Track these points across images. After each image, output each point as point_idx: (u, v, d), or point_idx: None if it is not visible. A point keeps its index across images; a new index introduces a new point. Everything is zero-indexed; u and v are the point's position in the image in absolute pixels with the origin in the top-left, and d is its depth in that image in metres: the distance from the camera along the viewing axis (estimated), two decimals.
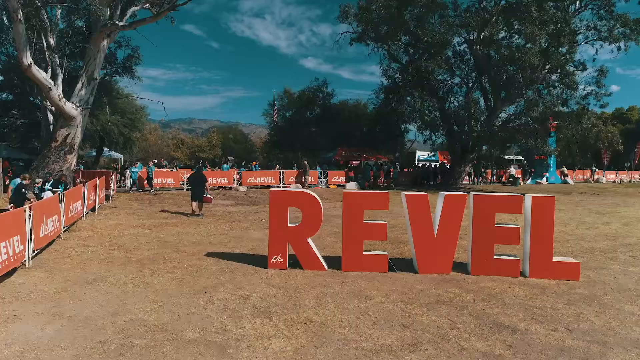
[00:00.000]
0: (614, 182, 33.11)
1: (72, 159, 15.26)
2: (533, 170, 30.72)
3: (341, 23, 26.15)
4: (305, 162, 23.25)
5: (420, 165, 35.00)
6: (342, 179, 24.10)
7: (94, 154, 29.64)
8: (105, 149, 29.33)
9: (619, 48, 21.64)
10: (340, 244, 6.85)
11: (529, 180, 29.88)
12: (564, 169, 31.45)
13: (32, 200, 9.09)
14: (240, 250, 8.02)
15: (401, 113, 23.91)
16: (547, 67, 20.87)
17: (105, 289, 5.48)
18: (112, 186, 16.01)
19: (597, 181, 32.17)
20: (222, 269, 6.55)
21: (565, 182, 30.01)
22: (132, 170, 18.76)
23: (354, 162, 30.34)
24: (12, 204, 8.60)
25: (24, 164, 18.87)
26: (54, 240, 8.14)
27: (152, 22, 14.36)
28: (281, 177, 22.52)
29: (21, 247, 6.03)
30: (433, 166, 29.38)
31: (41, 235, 7.01)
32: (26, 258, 6.32)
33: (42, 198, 9.06)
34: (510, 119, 22.10)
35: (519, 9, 20.88)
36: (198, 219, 11.65)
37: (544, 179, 29.66)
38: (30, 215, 6.36)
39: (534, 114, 19.62)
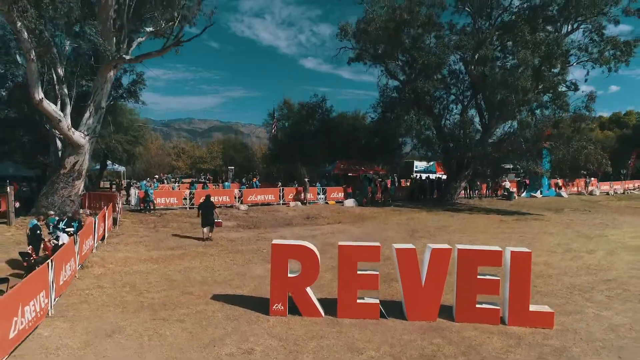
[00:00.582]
0: (608, 193, 33.75)
1: (80, 184, 15.87)
2: (528, 182, 31.35)
3: (340, 41, 26.82)
4: (306, 180, 23.88)
5: (417, 176, 35.71)
6: (341, 194, 24.71)
7: (98, 167, 30.29)
8: (109, 161, 30.04)
9: (609, 69, 22.30)
10: (337, 281, 7.45)
11: (524, 194, 30.50)
12: (559, 181, 32.06)
13: (46, 239, 9.68)
14: (243, 290, 8.62)
15: (398, 129, 24.52)
16: (539, 87, 21.51)
17: (123, 343, 6.07)
18: (118, 209, 16.60)
19: (591, 193, 32.80)
20: (228, 317, 7.15)
21: (559, 194, 30.64)
22: (150, 191, 19.30)
23: (352, 174, 31.03)
24: (30, 246, 9.21)
25: (29, 187, 19.41)
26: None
27: (158, 56, 15.01)
28: (281, 195, 23.14)
29: (45, 301, 6.63)
30: (430, 178, 30.00)
31: (61, 282, 7.61)
32: (49, 307, 6.92)
33: (58, 237, 9.64)
34: (504, 138, 22.76)
35: (512, 30, 21.56)
36: (204, 250, 12.24)
37: (539, 192, 30.29)
38: (52, 268, 6.96)
39: (526, 135, 20.31)
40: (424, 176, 33.52)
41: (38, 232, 9.41)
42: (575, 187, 33.80)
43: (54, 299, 7.22)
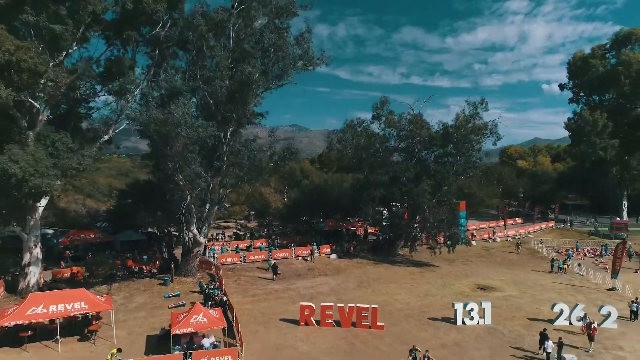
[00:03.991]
0: (507, 239, 50.50)
1: (198, 259, 32.50)
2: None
3: (329, 151, 43.65)
4: (311, 245, 40.67)
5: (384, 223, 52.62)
6: (328, 250, 41.42)
7: None
8: None
9: (482, 180, 39.36)
10: (321, 313, 23.94)
11: (448, 242, 47.15)
12: (473, 232, 48.73)
13: (213, 296, 26.04)
14: (289, 316, 24.96)
15: (360, 213, 41.19)
16: (437, 195, 38.44)
17: (269, 331, 22.63)
18: (214, 268, 33.06)
19: (494, 240, 49.54)
20: (287, 325, 23.65)
21: (469, 243, 47.34)
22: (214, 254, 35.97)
23: (338, 228, 47.86)
24: (212, 299, 25.61)
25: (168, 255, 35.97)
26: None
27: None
28: (294, 252, 39.82)
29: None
30: (388, 233, 46.92)
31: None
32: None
33: (218, 295, 26.02)
34: (422, 220, 39.56)
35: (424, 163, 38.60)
36: (266, 297, 28.66)
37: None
38: (233, 313, 23.49)
39: (428, 226, 37.35)
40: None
41: (208, 292, 25.93)
42: (487, 234, 50.60)
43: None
